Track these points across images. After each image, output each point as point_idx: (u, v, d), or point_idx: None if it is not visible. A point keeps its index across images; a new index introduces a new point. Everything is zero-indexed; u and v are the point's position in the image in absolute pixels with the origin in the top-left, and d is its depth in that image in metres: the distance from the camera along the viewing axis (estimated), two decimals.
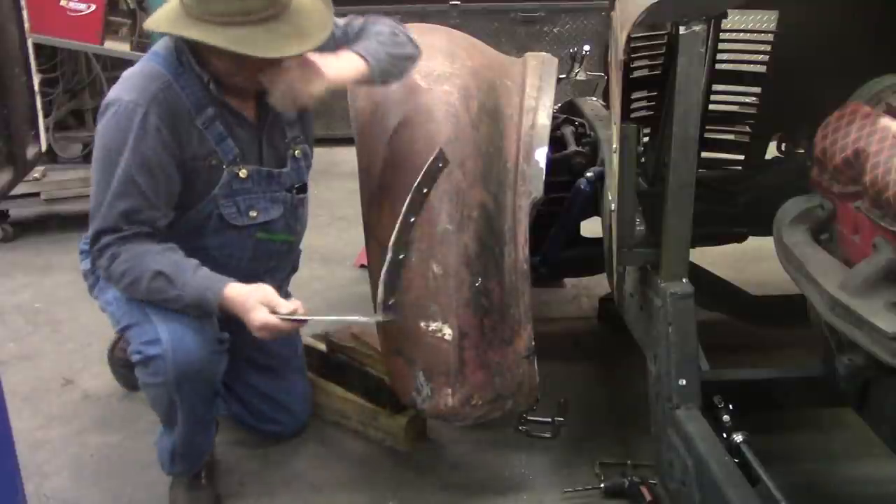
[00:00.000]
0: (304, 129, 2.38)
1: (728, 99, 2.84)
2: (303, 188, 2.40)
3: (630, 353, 2.39)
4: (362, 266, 3.51)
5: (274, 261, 2.42)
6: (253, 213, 2.28)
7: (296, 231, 2.45)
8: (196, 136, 2.15)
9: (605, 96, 3.06)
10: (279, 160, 2.33)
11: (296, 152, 2.35)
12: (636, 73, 2.55)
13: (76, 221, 4.29)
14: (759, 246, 2.74)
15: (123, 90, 2.11)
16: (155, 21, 2.07)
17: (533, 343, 2.29)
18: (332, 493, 2.44)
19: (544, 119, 2.52)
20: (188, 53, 2.14)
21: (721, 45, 2.67)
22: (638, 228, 2.18)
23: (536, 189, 2.40)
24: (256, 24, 1.98)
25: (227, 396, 2.56)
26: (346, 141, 2.80)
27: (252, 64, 2.04)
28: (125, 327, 2.22)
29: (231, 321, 2.14)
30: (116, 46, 4.33)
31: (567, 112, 3.00)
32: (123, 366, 2.79)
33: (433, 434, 2.64)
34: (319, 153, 2.50)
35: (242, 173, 2.23)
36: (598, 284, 3.20)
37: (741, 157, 2.91)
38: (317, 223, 3.39)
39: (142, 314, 2.17)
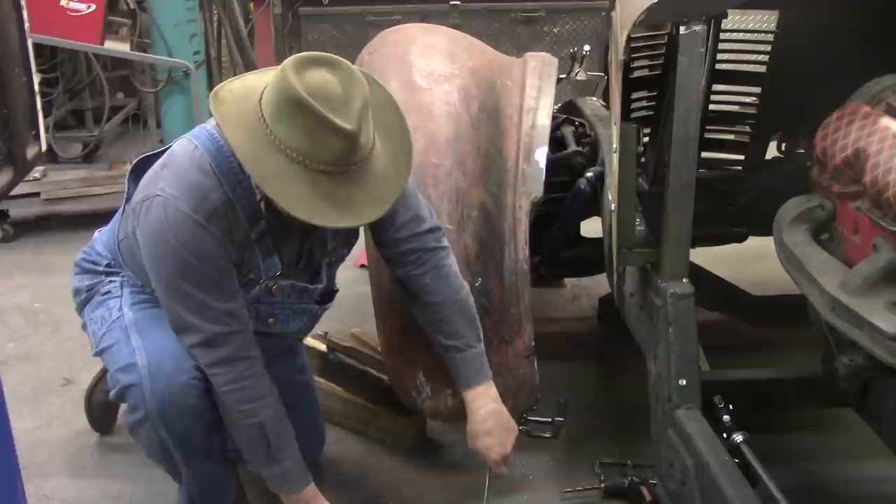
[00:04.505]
0: (348, 240, 2.19)
1: (728, 99, 2.84)
2: (331, 296, 2.23)
3: (630, 353, 2.39)
4: (362, 266, 3.50)
5: (279, 349, 2.21)
6: (271, 321, 2.09)
7: (311, 329, 2.29)
8: (247, 249, 1.95)
9: (605, 96, 3.06)
10: (314, 271, 2.14)
11: (332, 260, 2.18)
12: (636, 73, 2.55)
13: (76, 221, 4.30)
14: (759, 246, 2.74)
15: (181, 193, 1.86)
16: (232, 128, 1.78)
17: (533, 343, 2.29)
18: (332, 493, 2.43)
19: (544, 119, 2.52)
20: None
21: (721, 45, 2.66)
22: (638, 228, 2.18)
23: (536, 189, 2.40)
24: (333, 175, 1.77)
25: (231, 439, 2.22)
26: None
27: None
28: (103, 350, 2.05)
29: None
30: (116, 46, 4.34)
31: (567, 112, 3.00)
32: (102, 410, 2.65)
33: (433, 434, 2.64)
34: None
35: (276, 289, 2.05)
36: (598, 284, 3.19)
37: (741, 157, 2.91)
38: None
39: (122, 333, 2.01)
